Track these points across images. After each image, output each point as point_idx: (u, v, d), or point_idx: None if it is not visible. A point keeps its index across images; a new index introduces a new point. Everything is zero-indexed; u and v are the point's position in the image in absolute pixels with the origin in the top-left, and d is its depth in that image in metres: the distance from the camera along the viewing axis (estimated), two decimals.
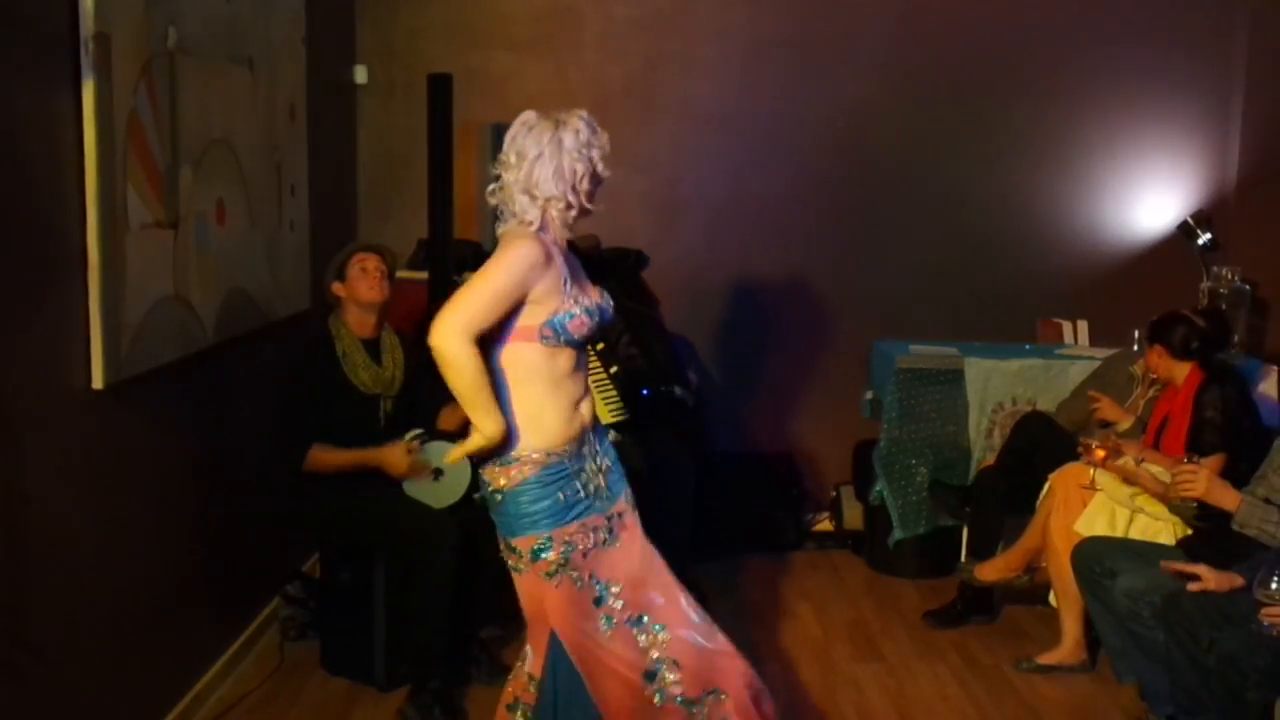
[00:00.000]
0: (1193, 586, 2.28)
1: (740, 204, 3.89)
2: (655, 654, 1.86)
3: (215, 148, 2.53)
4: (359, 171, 3.96)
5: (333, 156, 3.64)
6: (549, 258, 1.79)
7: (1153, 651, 2.45)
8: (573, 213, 1.86)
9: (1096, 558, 2.62)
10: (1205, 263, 3.84)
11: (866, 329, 3.94)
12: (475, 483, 2.71)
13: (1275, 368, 3.50)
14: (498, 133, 4.18)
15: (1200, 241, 3.88)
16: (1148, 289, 3.80)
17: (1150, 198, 4.03)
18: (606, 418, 3.28)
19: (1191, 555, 2.49)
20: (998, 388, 3.55)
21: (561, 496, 1.81)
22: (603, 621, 1.85)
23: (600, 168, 1.86)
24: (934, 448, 3.55)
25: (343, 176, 3.83)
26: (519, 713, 1.95)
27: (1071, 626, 2.89)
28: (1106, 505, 2.83)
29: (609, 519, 1.88)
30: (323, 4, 3.38)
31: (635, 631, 1.86)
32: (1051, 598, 2.99)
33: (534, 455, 1.81)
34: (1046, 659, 2.90)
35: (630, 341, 3.14)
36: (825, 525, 3.92)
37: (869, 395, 3.79)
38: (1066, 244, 4.02)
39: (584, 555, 1.83)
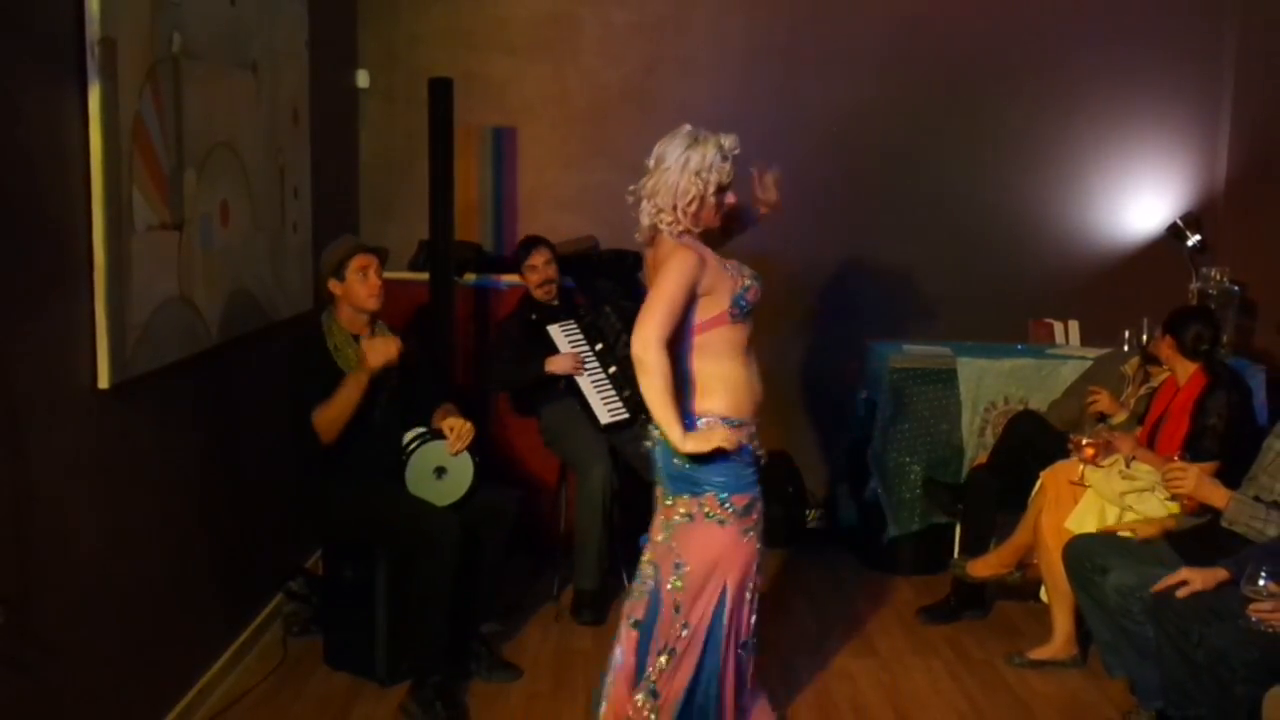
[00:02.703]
0: (1181, 593, 2.30)
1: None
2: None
3: (219, 150, 2.56)
4: (361, 173, 3.99)
5: (335, 159, 3.67)
6: (702, 258, 2.09)
7: (1143, 646, 2.48)
8: (679, 227, 2.10)
9: (1087, 554, 2.65)
10: (1194, 264, 3.88)
11: (861, 329, 3.98)
12: (476, 481, 2.76)
13: (1263, 368, 3.55)
14: (497, 136, 4.27)
15: (1190, 243, 3.93)
16: (1138, 290, 3.84)
17: (1140, 200, 4.08)
18: (605, 416, 3.32)
19: (1180, 553, 2.52)
20: (990, 387, 3.59)
21: (751, 469, 2.16)
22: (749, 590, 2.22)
23: (711, 192, 2.10)
24: (927, 446, 3.59)
25: (345, 178, 3.86)
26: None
27: (1063, 622, 2.92)
28: (1097, 502, 2.86)
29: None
30: (325, 9, 3.41)
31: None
32: (1043, 593, 3.01)
33: (743, 421, 2.13)
34: (1038, 654, 2.93)
35: (628, 341, 3.17)
36: (820, 522, 3.95)
37: (863, 394, 3.82)
38: (1058, 245, 4.06)
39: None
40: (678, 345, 2.10)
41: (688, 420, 2.10)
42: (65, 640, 1.99)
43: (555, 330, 3.41)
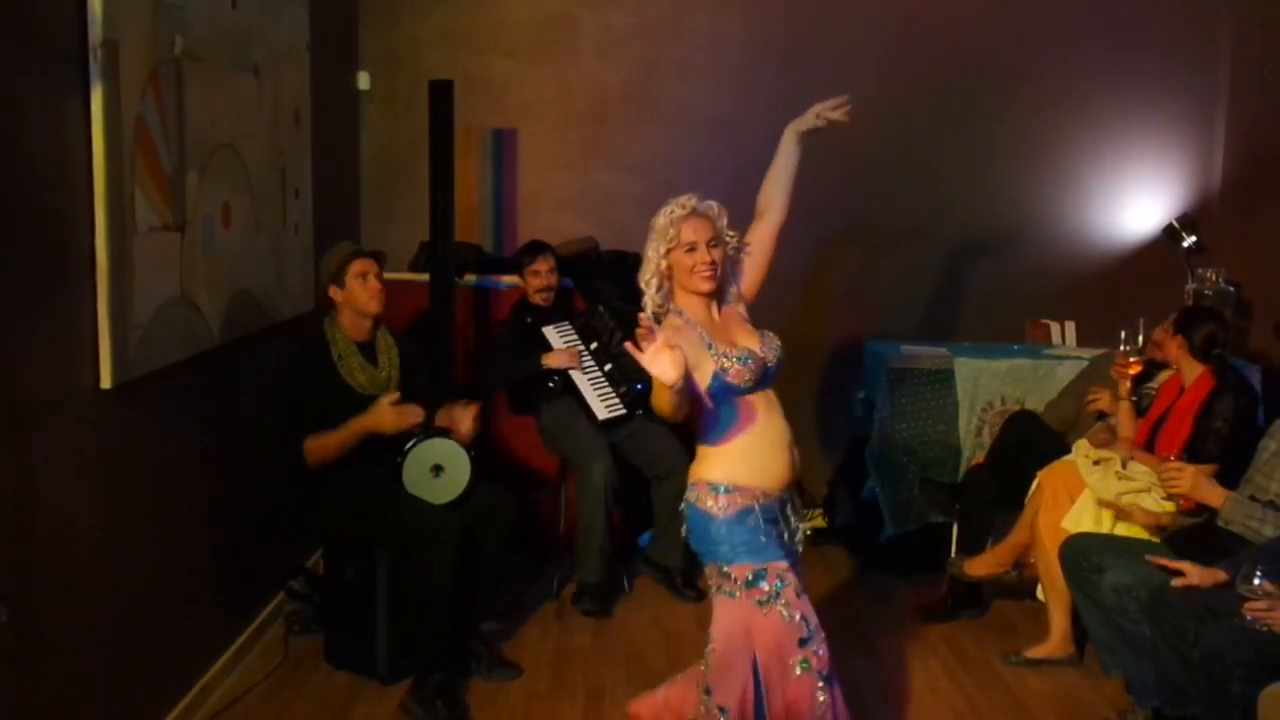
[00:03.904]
0: (1177, 583, 2.31)
1: (735, 207, 3.90)
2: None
3: (221, 152, 2.57)
4: (362, 175, 4.01)
5: (336, 160, 3.68)
6: (685, 337, 1.94)
7: (1139, 645, 2.49)
8: (664, 307, 2.00)
9: (1084, 553, 2.66)
10: (1190, 265, 3.90)
11: (859, 330, 3.99)
12: (474, 479, 2.78)
13: (1259, 368, 3.56)
14: (497, 137, 4.29)
15: (1185, 244, 3.95)
16: (1134, 291, 3.85)
17: (1136, 201, 4.10)
18: (603, 412, 3.34)
19: (1177, 551, 2.53)
20: (987, 387, 3.61)
21: (763, 537, 1.96)
22: (799, 664, 1.96)
23: (663, 256, 1.98)
24: (925, 446, 3.60)
25: (346, 180, 3.87)
26: None
27: (1059, 621, 2.93)
28: (1093, 502, 2.87)
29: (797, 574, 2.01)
30: (326, 12, 3.42)
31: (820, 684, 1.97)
32: (1039, 593, 3.03)
33: (742, 488, 1.95)
34: (1035, 653, 2.94)
35: (623, 339, 3.20)
36: (819, 522, 3.96)
37: (861, 395, 3.84)
38: (1054, 247, 4.08)
39: (797, 595, 1.97)
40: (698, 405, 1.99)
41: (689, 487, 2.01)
42: (67, 638, 2.00)
43: (550, 331, 3.43)
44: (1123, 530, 2.82)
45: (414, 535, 2.62)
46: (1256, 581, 2.16)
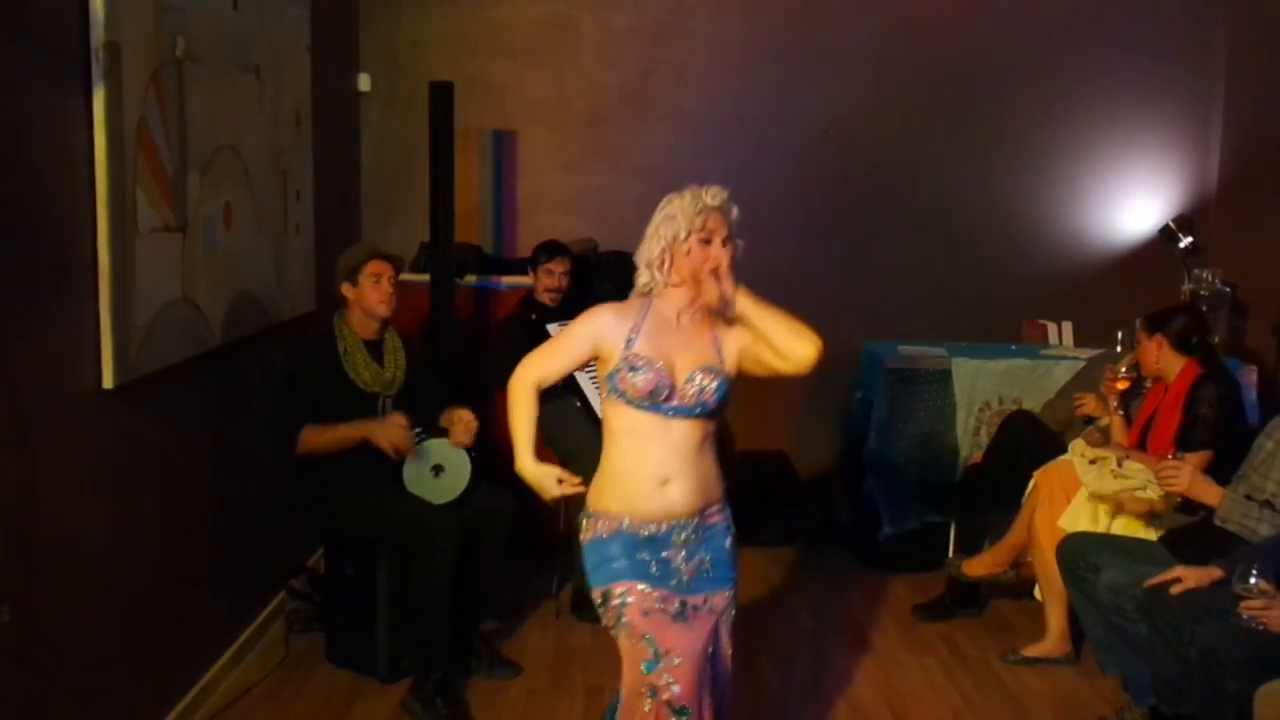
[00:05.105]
0: (1175, 590, 2.31)
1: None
2: None
3: (223, 153, 2.58)
4: (362, 176, 4.02)
5: (337, 162, 3.69)
6: (617, 317, 1.86)
7: (1135, 644, 2.50)
8: (654, 286, 1.86)
9: (1080, 553, 2.67)
10: (1186, 265, 3.91)
11: (857, 330, 4.00)
12: (474, 479, 2.79)
13: (1254, 367, 3.58)
14: (497, 139, 4.30)
15: (1182, 245, 3.96)
16: (1131, 291, 3.86)
17: (1133, 202, 4.11)
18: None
19: (1174, 550, 2.54)
20: (984, 387, 3.62)
21: (621, 560, 1.81)
22: (648, 695, 1.78)
23: (676, 239, 1.82)
24: (922, 446, 3.61)
25: (347, 181, 3.88)
26: None
27: (1056, 620, 2.94)
28: (1089, 501, 2.89)
29: (683, 603, 1.83)
30: (327, 14, 3.43)
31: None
32: (1037, 592, 3.04)
33: (604, 514, 1.85)
34: (1032, 651, 2.96)
35: None
36: (817, 521, 3.98)
37: (859, 395, 3.85)
38: (1052, 247, 4.10)
39: (643, 614, 1.80)
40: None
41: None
42: (69, 638, 2.01)
43: (554, 329, 3.44)
44: (1119, 528, 2.82)
45: (414, 535, 2.63)
46: (1252, 580, 2.16)
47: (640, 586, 1.81)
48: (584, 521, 1.90)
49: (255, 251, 2.83)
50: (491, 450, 3.51)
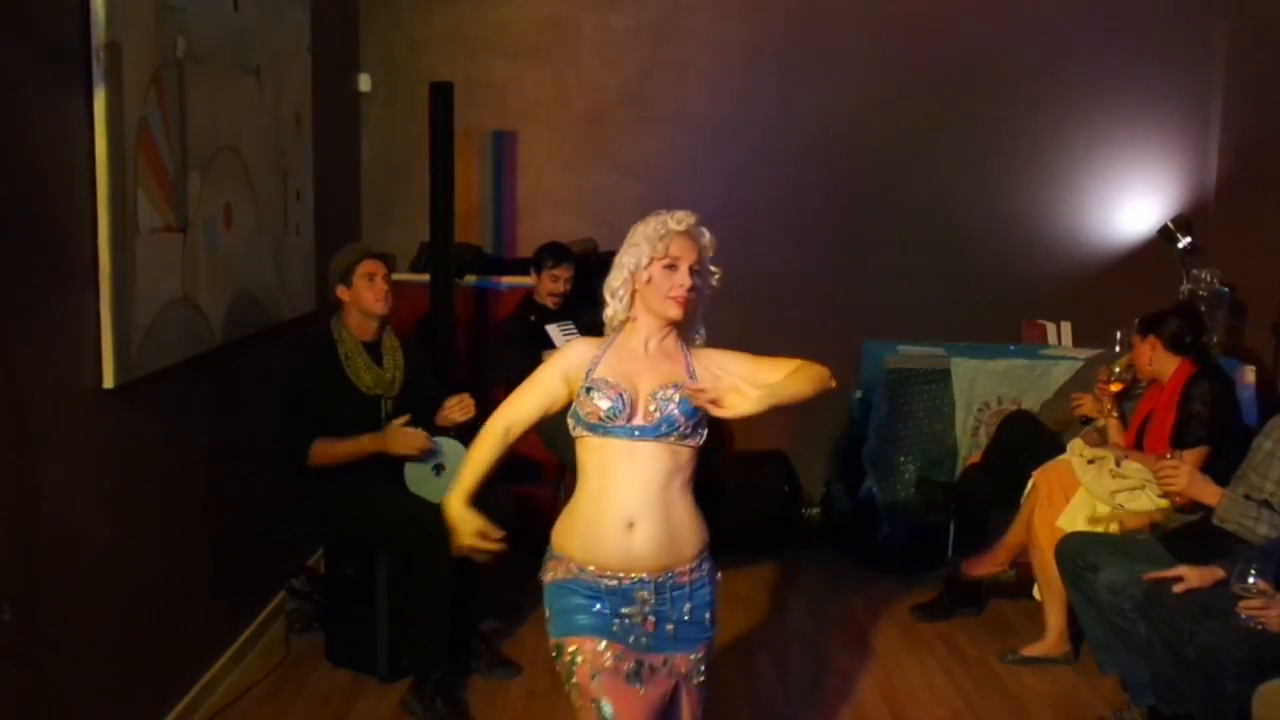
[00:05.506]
0: (1178, 589, 2.31)
1: (733, 208, 3.97)
2: None
3: (223, 154, 2.59)
4: (363, 176, 4.02)
5: (337, 162, 3.70)
6: (586, 351, 1.78)
7: (1134, 644, 2.51)
8: (617, 319, 1.78)
9: (1079, 552, 2.68)
10: (1185, 266, 3.92)
11: (856, 330, 4.01)
12: None
13: (1252, 367, 3.59)
14: (497, 139, 4.30)
15: (1180, 245, 3.97)
16: (1129, 291, 3.87)
17: (1132, 202, 4.12)
18: None
19: (1172, 550, 2.55)
20: (983, 387, 3.63)
21: (579, 614, 1.70)
22: None
23: (639, 266, 1.72)
24: (921, 446, 3.62)
25: (347, 181, 3.89)
26: None
27: (1055, 620, 2.94)
28: (1088, 501, 2.89)
29: (640, 662, 1.71)
30: (327, 14, 3.44)
31: None
32: (1036, 592, 3.04)
33: (566, 558, 1.72)
34: (1031, 651, 2.96)
35: None
36: (816, 521, 3.98)
37: (858, 394, 3.85)
38: (1050, 247, 4.10)
39: (591, 677, 1.68)
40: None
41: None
42: (70, 637, 2.02)
43: (554, 330, 3.45)
44: (1118, 528, 2.83)
45: (414, 534, 2.63)
46: (1251, 580, 2.17)
47: (594, 645, 1.69)
48: (546, 561, 1.78)
49: (255, 251, 2.83)
50: None
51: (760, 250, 3.99)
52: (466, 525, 1.79)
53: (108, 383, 2.08)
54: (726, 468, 3.98)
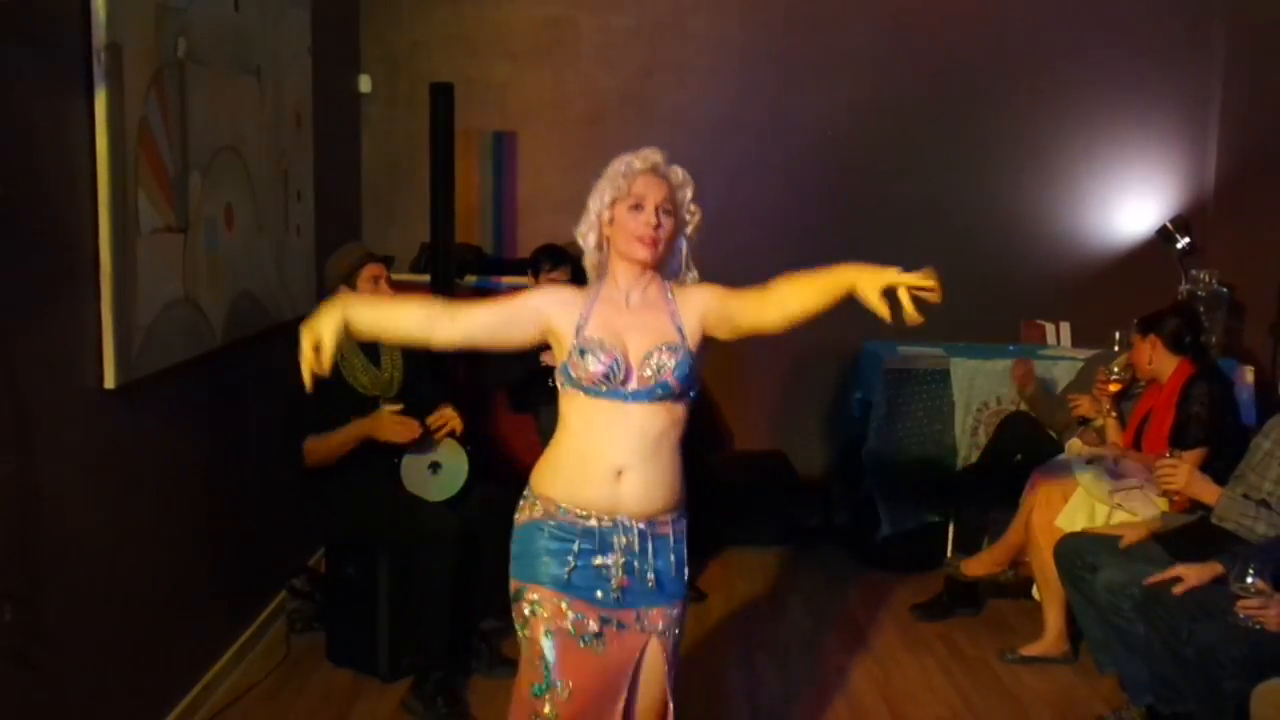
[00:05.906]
0: (1177, 590, 2.32)
1: (733, 209, 3.97)
2: None
3: (224, 154, 2.59)
4: (363, 177, 4.03)
5: (337, 163, 3.70)
6: (573, 300, 1.72)
7: (1133, 643, 2.51)
8: (591, 259, 1.73)
9: (1078, 552, 2.68)
10: (1184, 266, 3.92)
11: (855, 330, 3.99)
12: (472, 477, 2.79)
13: (1251, 368, 3.59)
14: (497, 140, 4.30)
15: (1179, 245, 3.97)
16: (1128, 292, 3.87)
17: (1130, 203, 4.13)
18: None
19: (1171, 550, 2.55)
20: (982, 387, 3.63)
21: (545, 557, 1.64)
22: None
23: (605, 205, 1.68)
24: (921, 446, 3.63)
25: (347, 182, 3.89)
26: None
27: (1054, 619, 2.94)
28: (1087, 501, 2.89)
29: (605, 619, 1.65)
30: (328, 15, 3.44)
31: None
32: (1035, 591, 3.05)
33: (545, 498, 1.67)
34: (1030, 650, 2.96)
35: None
36: (816, 521, 3.99)
37: (858, 395, 3.86)
38: (1049, 248, 4.11)
39: (544, 634, 1.64)
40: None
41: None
42: (71, 637, 2.02)
43: None
44: (1116, 526, 2.83)
45: (414, 534, 2.63)
46: (1249, 579, 2.17)
47: (556, 601, 1.64)
48: (522, 502, 1.72)
49: (256, 252, 2.83)
50: (491, 449, 3.54)
51: (760, 250, 3.98)
52: (322, 328, 1.64)
53: (109, 383, 2.08)
54: (726, 467, 3.99)
